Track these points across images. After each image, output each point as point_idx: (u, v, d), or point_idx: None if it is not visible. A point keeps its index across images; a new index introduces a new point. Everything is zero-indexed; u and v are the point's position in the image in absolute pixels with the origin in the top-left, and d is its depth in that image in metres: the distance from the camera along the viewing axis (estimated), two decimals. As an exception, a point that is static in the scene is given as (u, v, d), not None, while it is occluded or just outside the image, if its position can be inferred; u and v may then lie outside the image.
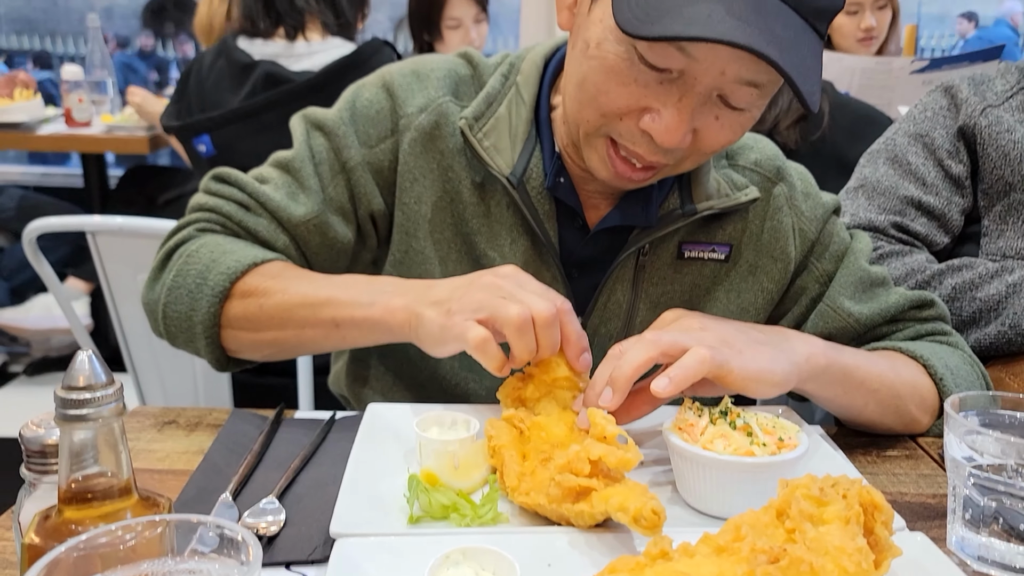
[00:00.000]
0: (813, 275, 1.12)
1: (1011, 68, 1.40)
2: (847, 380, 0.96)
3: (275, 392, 2.11)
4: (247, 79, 2.02)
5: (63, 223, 1.63)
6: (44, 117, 3.38)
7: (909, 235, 1.34)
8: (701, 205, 1.04)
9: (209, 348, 1.02)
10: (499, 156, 1.02)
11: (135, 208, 3.43)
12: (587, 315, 1.08)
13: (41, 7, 16.61)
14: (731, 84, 0.87)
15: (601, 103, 0.90)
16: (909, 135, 1.40)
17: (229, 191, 1.07)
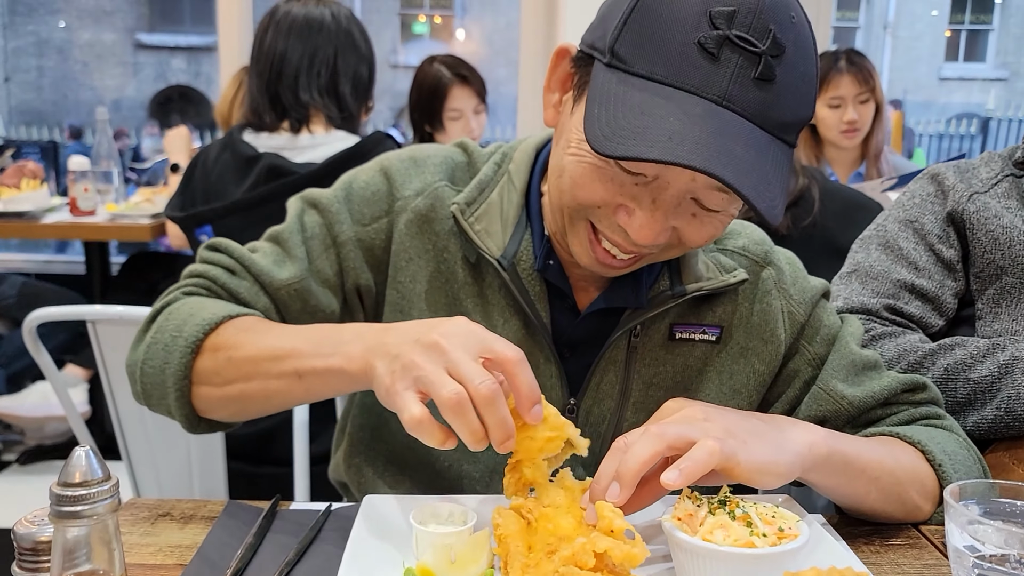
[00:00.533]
0: (804, 358, 1.13)
1: (994, 156, 1.44)
2: (849, 469, 0.96)
3: (272, 481, 2.08)
4: (251, 171, 2.05)
5: (63, 312, 1.65)
6: (50, 206, 3.44)
7: (903, 317, 1.35)
8: (691, 286, 1.06)
9: (179, 404, 1.02)
10: (490, 239, 1.05)
11: (136, 294, 3.45)
12: (580, 396, 1.09)
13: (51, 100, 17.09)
14: (702, 190, 0.90)
15: (579, 196, 0.93)
16: (899, 221, 1.43)
17: (219, 258, 1.10)
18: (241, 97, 3.21)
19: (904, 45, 19.31)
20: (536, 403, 0.83)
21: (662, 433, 0.83)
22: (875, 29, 19.43)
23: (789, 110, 0.88)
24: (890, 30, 19.28)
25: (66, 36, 17.26)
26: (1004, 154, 1.43)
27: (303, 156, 2.07)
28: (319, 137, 2.10)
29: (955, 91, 19.32)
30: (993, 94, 17.93)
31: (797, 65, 0.87)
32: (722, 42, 0.83)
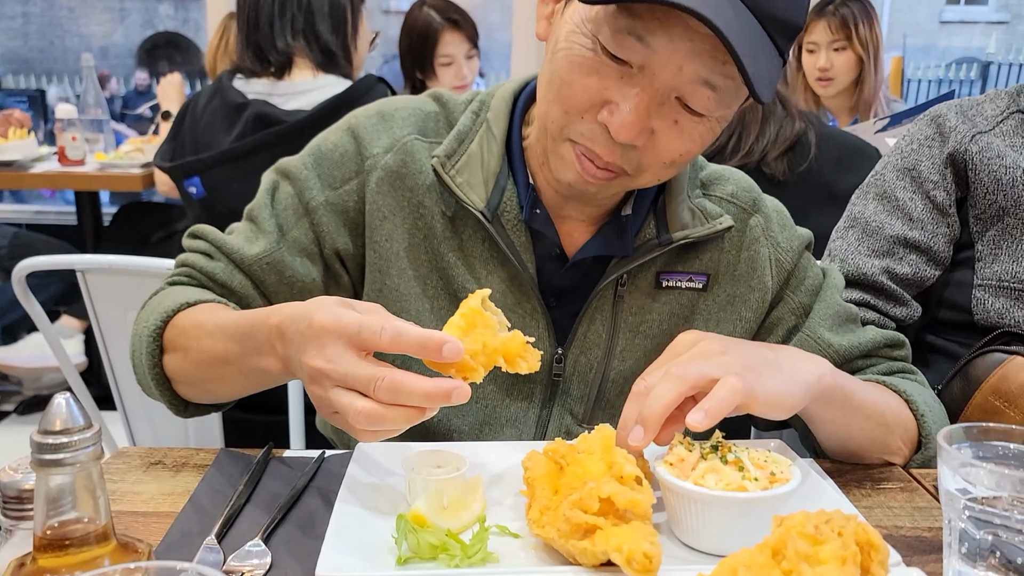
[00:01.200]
0: (789, 307, 1.14)
1: (1001, 94, 1.41)
2: (847, 404, 0.97)
3: (267, 429, 2.09)
4: (239, 119, 2.01)
5: (52, 262, 1.63)
6: (38, 156, 3.39)
7: (898, 279, 1.35)
8: (677, 234, 1.06)
9: (162, 393, 1.05)
10: (472, 191, 1.04)
11: (128, 245, 3.43)
12: (567, 345, 1.09)
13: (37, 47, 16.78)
14: (689, 84, 0.88)
15: (565, 97, 0.92)
16: (897, 169, 1.41)
17: (197, 244, 1.12)
18: (224, 46, 3.16)
19: (906, -14, 18.95)
20: (439, 348, 0.75)
21: (684, 375, 0.83)
22: (877, -29, 19.04)
23: (781, 4, 0.87)
24: (892, -28, 18.91)
25: (51, -19, 16.86)
26: (1011, 91, 1.40)
27: (292, 103, 2.03)
28: (308, 82, 2.05)
29: (956, 35, 19.01)
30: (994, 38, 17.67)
31: None
32: None
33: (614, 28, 0.87)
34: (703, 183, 1.13)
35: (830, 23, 3.01)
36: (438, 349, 0.75)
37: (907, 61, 10.24)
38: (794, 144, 1.90)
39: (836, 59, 3.05)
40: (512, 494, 0.88)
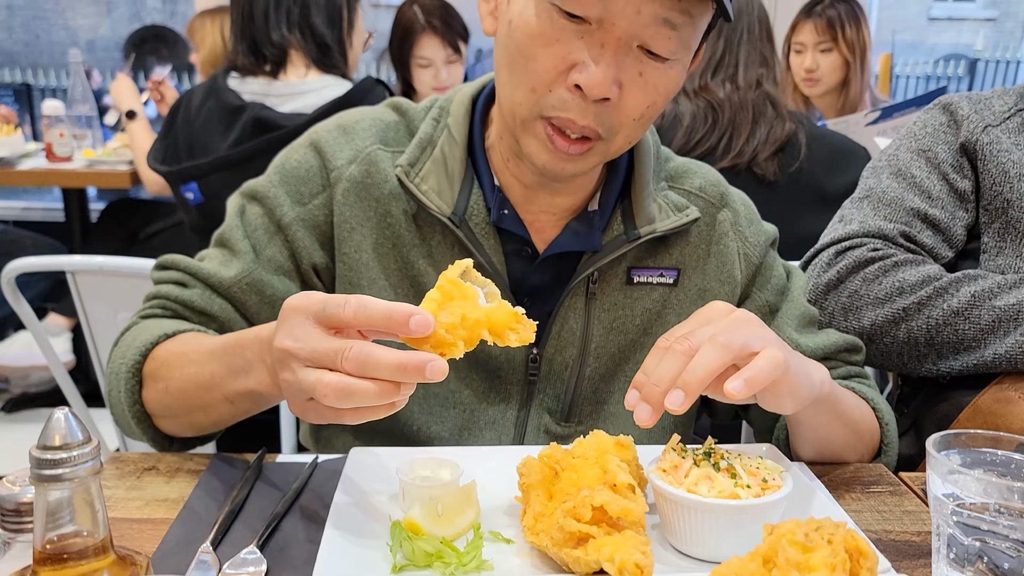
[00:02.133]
0: (755, 304, 1.16)
1: (1008, 91, 1.42)
2: (835, 410, 0.99)
3: (258, 428, 2.09)
4: (235, 123, 2.00)
5: (42, 263, 1.62)
6: (25, 152, 3.36)
7: (917, 245, 1.35)
8: (644, 229, 1.07)
9: (148, 435, 1.04)
10: (438, 197, 1.04)
11: (117, 242, 3.41)
12: (542, 345, 1.10)
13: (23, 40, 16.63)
14: (649, 27, 0.89)
15: (529, 71, 0.93)
16: (912, 150, 1.41)
17: (168, 275, 1.10)
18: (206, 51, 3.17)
19: (894, -16, 19.02)
20: (406, 319, 0.71)
21: (729, 344, 0.81)
22: (864, -33, 19.11)
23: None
24: (880, -32, 18.98)
25: (35, -27, 16.70)
26: (1018, 89, 1.41)
27: (290, 104, 2.02)
28: (305, 83, 2.04)
29: (944, 31, 19.10)
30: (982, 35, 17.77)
31: None
32: None
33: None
34: (670, 176, 1.15)
35: (816, 24, 3.04)
36: (405, 321, 0.70)
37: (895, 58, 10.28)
38: (784, 145, 1.91)
39: (822, 60, 3.08)
40: (507, 500, 0.89)
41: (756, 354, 0.81)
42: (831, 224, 1.42)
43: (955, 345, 1.25)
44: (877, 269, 1.29)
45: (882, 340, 1.28)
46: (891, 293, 1.27)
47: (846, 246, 1.34)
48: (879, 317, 1.28)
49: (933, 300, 1.25)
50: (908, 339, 1.27)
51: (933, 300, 1.25)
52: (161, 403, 1.00)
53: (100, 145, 3.46)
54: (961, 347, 1.24)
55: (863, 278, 1.30)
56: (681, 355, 0.81)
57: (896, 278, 1.28)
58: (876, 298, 1.28)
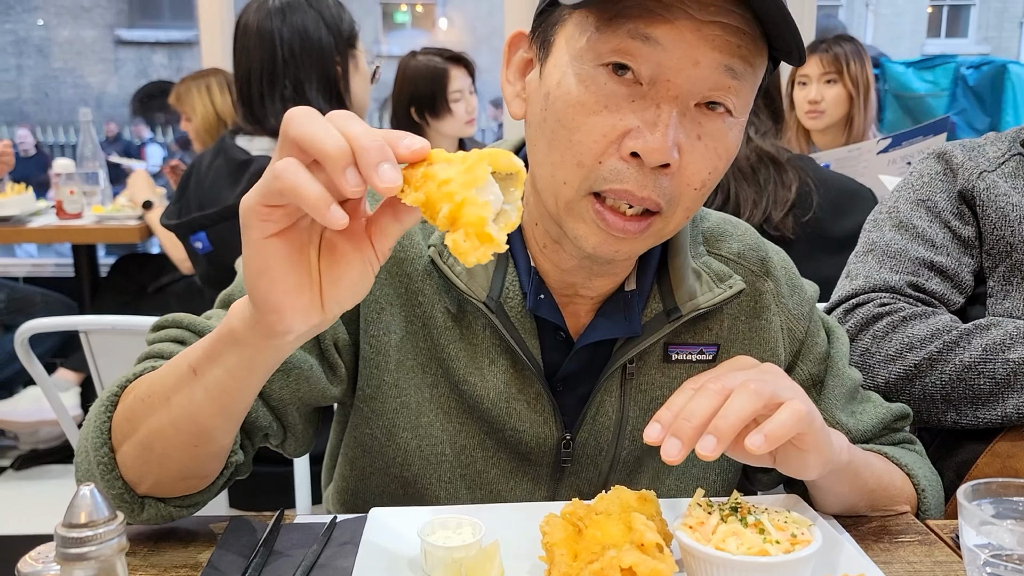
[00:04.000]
0: (798, 377, 1.09)
1: (1001, 137, 1.43)
2: (856, 479, 0.97)
3: (271, 481, 2.07)
4: (243, 175, 2.03)
5: (55, 323, 1.63)
6: (36, 210, 3.40)
7: (926, 294, 1.34)
8: (686, 307, 0.99)
9: (106, 480, 0.87)
10: (473, 281, 0.97)
11: (126, 296, 3.43)
12: (576, 429, 1.03)
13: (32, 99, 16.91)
14: (708, 80, 0.82)
15: (575, 144, 0.84)
16: (911, 201, 1.41)
17: (166, 333, 0.98)
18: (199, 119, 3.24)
19: (886, 22, 19.31)
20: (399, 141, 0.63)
21: (760, 391, 0.78)
22: (857, 6, 19.40)
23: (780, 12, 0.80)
24: (872, 7, 19.26)
25: (45, 34, 17.06)
26: (1010, 134, 1.42)
27: None
28: None
29: (940, 64, 19.28)
30: (977, 69, 17.95)
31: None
32: None
33: (615, 41, 0.81)
34: (706, 238, 1.07)
35: (822, 58, 3.09)
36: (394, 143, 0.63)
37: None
38: (796, 199, 1.89)
39: (827, 92, 3.11)
40: (531, 559, 0.87)
41: (781, 404, 0.80)
42: (839, 281, 1.41)
43: (972, 400, 1.23)
44: (886, 325, 1.28)
45: (899, 397, 1.26)
46: (902, 349, 1.26)
47: (854, 303, 1.33)
48: (892, 375, 1.27)
49: (945, 355, 1.24)
50: (924, 395, 1.26)
51: (945, 355, 1.24)
52: (125, 418, 0.86)
53: (109, 201, 3.50)
54: (979, 401, 1.23)
55: (873, 335, 1.29)
56: (715, 394, 0.79)
57: (906, 333, 1.27)
58: (888, 355, 1.27)
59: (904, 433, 1.16)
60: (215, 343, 0.78)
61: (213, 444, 0.86)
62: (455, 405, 1.03)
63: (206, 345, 0.79)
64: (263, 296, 0.69)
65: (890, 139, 2.74)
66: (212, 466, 0.90)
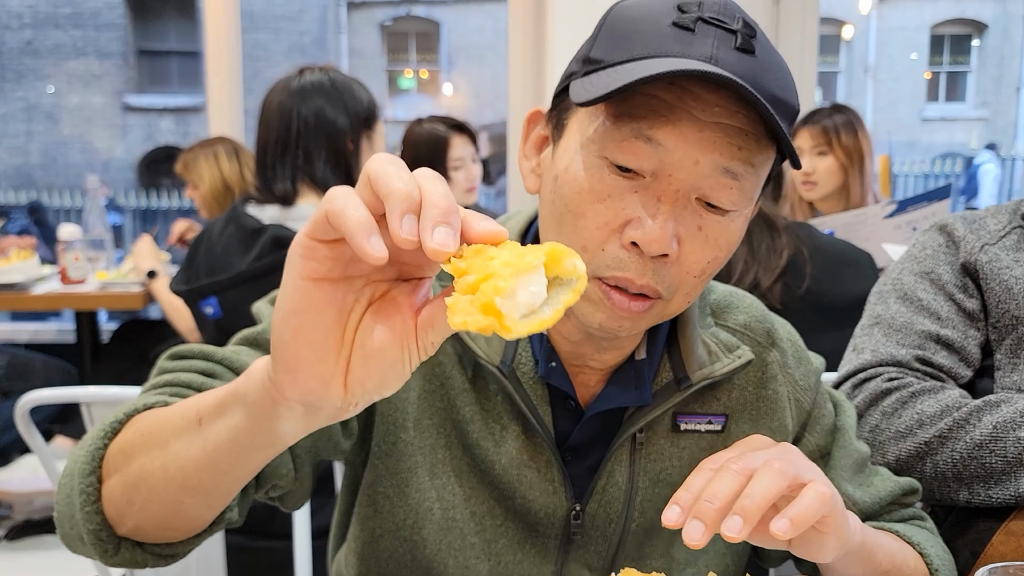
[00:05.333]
0: (805, 449, 1.08)
1: (1001, 209, 1.43)
2: (870, 560, 0.93)
3: (271, 556, 2.01)
4: (255, 243, 2.04)
5: (57, 395, 1.59)
6: (40, 276, 3.40)
7: (934, 368, 1.31)
8: (696, 376, 1.00)
9: (85, 511, 0.78)
10: (488, 345, 0.98)
11: (127, 362, 3.41)
12: (585, 500, 1.02)
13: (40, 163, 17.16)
14: (708, 178, 0.83)
15: (580, 229, 0.86)
16: (915, 273, 1.40)
17: (190, 364, 0.93)
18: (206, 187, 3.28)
19: (885, 88, 19.68)
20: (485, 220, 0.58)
21: (785, 471, 0.76)
22: (856, 73, 19.81)
23: (778, 84, 0.83)
24: (871, 73, 19.66)
25: (55, 101, 17.40)
26: (1010, 207, 1.42)
27: None
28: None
29: (938, 131, 19.66)
30: (975, 133, 18.25)
31: (771, 52, 0.86)
32: (696, 20, 0.82)
33: (618, 139, 0.83)
34: (713, 310, 1.08)
35: (811, 131, 3.16)
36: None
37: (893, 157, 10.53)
38: (787, 267, 1.84)
39: (818, 164, 3.15)
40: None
41: (804, 486, 0.77)
42: (846, 354, 1.39)
43: (984, 478, 1.20)
44: (895, 401, 1.26)
45: (910, 474, 1.23)
46: (912, 426, 1.24)
47: (862, 378, 1.31)
48: (903, 452, 1.24)
49: (955, 432, 1.21)
50: (936, 473, 1.22)
51: (955, 432, 1.21)
52: (119, 450, 0.78)
53: (113, 267, 3.50)
54: (991, 480, 1.19)
55: (882, 412, 1.26)
56: (736, 474, 0.76)
57: (915, 410, 1.24)
58: (898, 432, 1.24)
59: (914, 509, 1.13)
60: (226, 396, 0.71)
61: (200, 501, 0.78)
62: (467, 468, 1.02)
63: (219, 395, 0.72)
64: (285, 342, 0.61)
65: (895, 204, 2.76)
66: (199, 520, 0.81)
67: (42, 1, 17.23)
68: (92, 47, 17.43)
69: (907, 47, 19.66)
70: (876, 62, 19.68)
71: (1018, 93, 19.49)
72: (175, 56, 18.00)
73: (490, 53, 18.41)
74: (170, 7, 17.66)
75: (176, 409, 0.77)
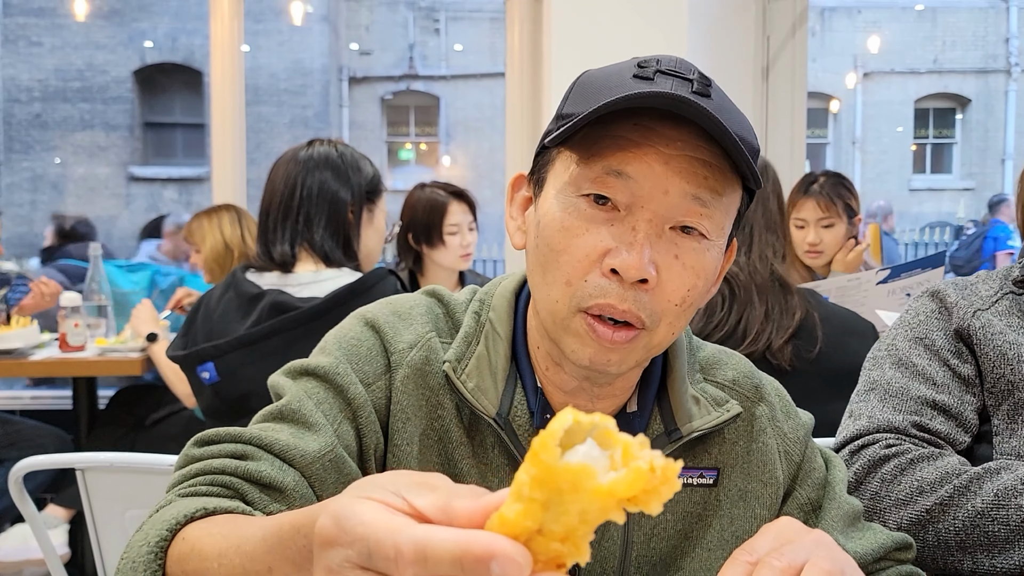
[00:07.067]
0: (797, 502, 1.09)
1: (992, 275, 1.45)
2: None
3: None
4: (254, 308, 2.08)
5: (52, 461, 1.61)
6: (39, 343, 3.42)
7: (931, 434, 1.31)
8: (685, 428, 1.02)
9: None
10: (484, 397, 1.00)
11: (124, 428, 3.40)
12: None
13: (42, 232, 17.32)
14: (679, 207, 0.89)
15: (562, 264, 0.92)
16: (909, 339, 1.41)
17: (218, 449, 0.92)
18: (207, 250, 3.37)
19: (873, 159, 20.04)
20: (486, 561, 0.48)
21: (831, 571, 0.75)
22: (844, 145, 20.18)
23: (737, 124, 0.90)
24: (859, 145, 20.04)
25: (61, 171, 17.67)
26: (1001, 272, 1.44)
27: (306, 291, 2.10)
28: (318, 274, 2.13)
29: (926, 201, 19.98)
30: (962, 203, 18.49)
31: (728, 100, 0.93)
32: (654, 73, 0.90)
33: (591, 177, 0.90)
34: (702, 367, 1.11)
35: (819, 202, 3.18)
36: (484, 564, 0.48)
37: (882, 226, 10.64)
38: (798, 330, 1.88)
39: (825, 235, 3.20)
40: None
41: None
42: (843, 421, 1.40)
43: (987, 547, 1.20)
44: (894, 468, 1.26)
45: None
46: (912, 494, 1.24)
47: (859, 444, 1.31)
48: (904, 520, 1.24)
49: (956, 500, 1.21)
50: (938, 541, 1.22)
51: (956, 500, 1.21)
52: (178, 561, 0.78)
53: (113, 333, 3.52)
54: (995, 549, 1.20)
55: (881, 479, 1.27)
56: (780, 572, 0.75)
57: (915, 477, 1.24)
58: (898, 499, 1.24)
59: (909, 567, 1.12)
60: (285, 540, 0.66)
61: None
62: None
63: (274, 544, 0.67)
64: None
65: (889, 270, 2.79)
66: None
67: (52, 76, 17.66)
68: (99, 120, 17.78)
69: (893, 120, 20.10)
70: (863, 135, 20.09)
71: (1003, 164, 19.85)
72: (180, 128, 18.35)
73: (488, 126, 18.79)
74: (177, 82, 18.08)
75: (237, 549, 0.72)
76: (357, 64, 19.41)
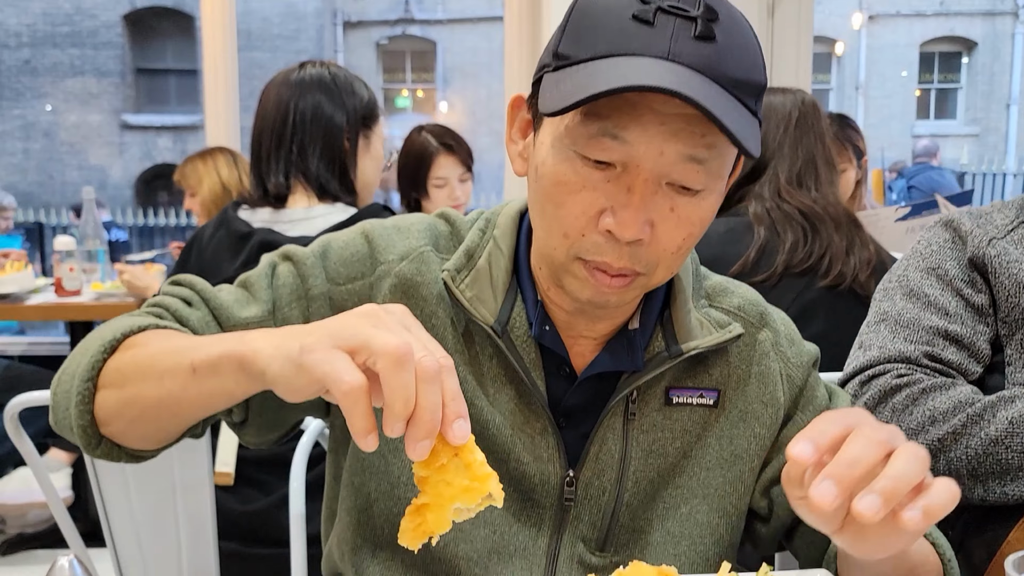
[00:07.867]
0: (798, 427, 1.09)
1: (1008, 204, 1.42)
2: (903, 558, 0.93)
3: (266, 562, 1.99)
4: (244, 247, 2.03)
5: (46, 397, 1.58)
6: (34, 287, 3.39)
7: (943, 364, 1.30)
8: (686, 346, 1.03)
9: (79, 411, 0.91)
10: (482, 306, 1.02)
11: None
12: (579, 466, 1.04)
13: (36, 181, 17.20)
14: (674, 165, 0.88)
15: (560, 218, 0.92)
16: (921, 270, 1.38)
17: (178, 290, 1.05)
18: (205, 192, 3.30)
19: (876, 104, 19.82)
20: (460, 417, 0.74)
21: (925, 459, 0.72)
22: (847, 90, 19.95)
23: (739, 67, 0.87)
24: (862, 91, 19.82)
25: (53, 119, 17.45)
26: (1017, 202, 1.41)
27: (297, 229, 2.05)
28: (310, 211, 2.08)
29: (929, 147, 19.75)
30: (966, 150, 18.37)
31: (735, 32, 0.89)
32: (655, 11, 0.86)
33: (587, 136, 0.88)
34: (708, 294, 1.12)
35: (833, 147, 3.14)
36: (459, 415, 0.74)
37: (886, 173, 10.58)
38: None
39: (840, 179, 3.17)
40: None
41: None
42: (852, 352, 1.38)
43: (1000, 475, 1.19)
44: (905, 398, 1.25)
45: None
46: (924, 423, 1.22)
47: (870, 375, 1.30)
48: None
49: (969, 428, 1.20)
50: (950, 471, 1.21)
51: (969, 428, 1.20)
52: (116, 368, 0.91)
53: (109, 278, 3.49)
54: (1007, 476, 1.18)
55: (892, 409, 1.25)
56: (877, 446, 0.72)
57: (927, 407, 1.23)
58: (909, 429, 1.23)
59: None
60: (224, 358, 0.81)
61: (179, 424, 0.94)
62: None
63: (213, 354, 0.82)
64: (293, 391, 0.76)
65: (909, 207, 2.75)
66: (173, 436, 0.97)
67: (40, 20, 17.32)
68: (90, 66, 17.50)
69: (897, 64, 19.83)
70: (867, 79, 19.84)
71: (1008, 110, 19.64)
72: (173, 75, 18.09)
73: (485, 72, 18.51)
74: (168, 26, 17.77)
75: (170, 346, 0.89)
76: (351, 8, 19.05)
